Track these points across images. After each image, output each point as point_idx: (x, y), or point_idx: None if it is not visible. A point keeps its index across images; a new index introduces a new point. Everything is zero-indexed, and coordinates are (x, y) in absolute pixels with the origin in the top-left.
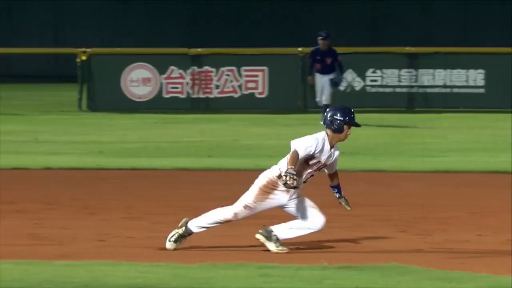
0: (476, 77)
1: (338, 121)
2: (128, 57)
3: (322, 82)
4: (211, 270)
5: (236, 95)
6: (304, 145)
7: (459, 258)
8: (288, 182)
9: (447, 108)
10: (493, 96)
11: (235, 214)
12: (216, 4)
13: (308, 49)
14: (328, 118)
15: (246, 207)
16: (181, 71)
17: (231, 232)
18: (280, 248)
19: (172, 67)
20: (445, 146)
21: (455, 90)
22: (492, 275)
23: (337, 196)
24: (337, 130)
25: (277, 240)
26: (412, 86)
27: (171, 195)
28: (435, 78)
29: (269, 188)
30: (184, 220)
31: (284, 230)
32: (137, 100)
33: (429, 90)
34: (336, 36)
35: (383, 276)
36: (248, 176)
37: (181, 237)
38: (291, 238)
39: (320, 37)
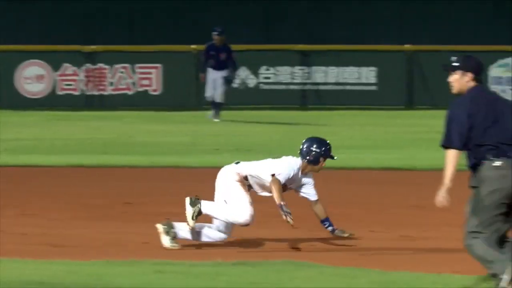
0: (368, 75)
1: (314, 153)
2: (21, 54)
3: (215, 78)
4: (105, 266)
5: (130, 92)
6: (285, 176)
7: (352, 254)
8: (289, 221)
9: (340, 105)
10: (385, 93)
11: (251, 216)
12: (110, 1)
13: (203, 47)
14: (304, 149)
15: (249, 204)
16: (75, 68)
17: (125, 229)
18: (173, 244)
19: (66, 64)
20: (337, 143)
21: (348, 87)
22: (384, 271)
23: (330, 230)
24: (312, 161)
25: (174, 238)
26: (305, 84)
27: (65, 192)
28: (327, 75)
29: (243, 183)
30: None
31: (185, 230)
32: (31, 97)
33: (321, 87)
34: (230, 34)
35: (277, 272)
36: (143, 173)
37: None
38: (190, 240)
39: (215, 33)
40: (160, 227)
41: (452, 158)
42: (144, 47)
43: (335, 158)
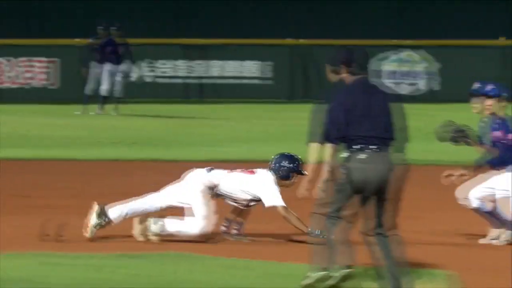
0: (264, 69)
1: (285, 168)
2: None
3: (111, 73)
4: None
5: (27, 86)
6: (279, 195)
7: (247, 247)
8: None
9: (236, 99)
10: (281, 87)
11: (201, 230)
12: None
13: (98, 41)
14: (275, 165)
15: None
16: None
17: (13, 222)
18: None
19: None
20: (234, 136)
21: (245, 81)
22: (280, 262)
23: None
24: (284, 177)
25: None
26: (202, 77)
27: None
28: (224, 69)
29: (206, 193)
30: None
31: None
32: None
33: (218, 81)
34: (129, 28)
35: (174, 264)
36: (39, 166)
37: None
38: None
39: (113, 28)
40: (96, 207)
41: (329, 151)
42: (42, 41)
43: (305, 173)
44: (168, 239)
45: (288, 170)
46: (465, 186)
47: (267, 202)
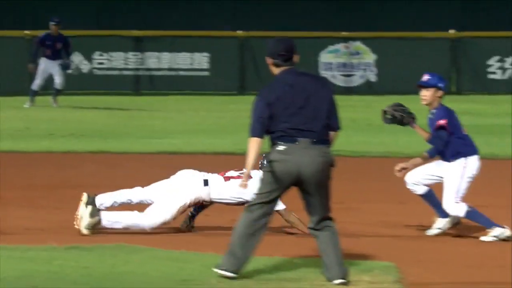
0: (200, 60)
1: None
2: None
3: (50, 67)
4: None
5: None
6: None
7: (186, 238)
8: None
9: (173, 91)
10: (217, 79)
11: (152, 227)
12: None
13: (36, 32)
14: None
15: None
16: None
17: None
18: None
19: None
20: (170, 128)
21: (181, 73)
22: (217, 254)
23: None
24: None
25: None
26: (138, 69)
27: None
28: (160, 61)
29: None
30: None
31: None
32: None
33: (155, 73)
34: (64, 19)
35: (111, 256)
36: None
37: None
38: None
39: (52, 22)
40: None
41: (254, 145)
42: None
43: None
44: (108, 231)
45: None
46: (416, 172)
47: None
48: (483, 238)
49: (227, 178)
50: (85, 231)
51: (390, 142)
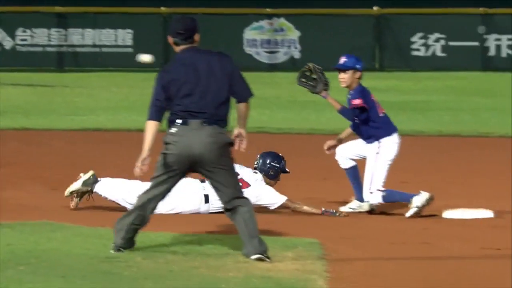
0: (124, 37)
1: (275, 168)
2: None
3: None
4: None
5: None
6: (276, 193)
7: (110, 215)
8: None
9: (97, 67)
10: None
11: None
12: None
13: None
14: (263, 165)
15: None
16: None
17: None
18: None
19: None
20: (94, 104)
21: (104, 49)
22: (142, 232)
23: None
24: (273, 176)
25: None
26: (61, 46)
27: None
28: (84, 37)
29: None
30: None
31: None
32: None
33: (78, 49)
34: None
35: (34, 233)
36: None
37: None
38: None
39: None
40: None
41: (149, 128)
42: None
43: (288, 171)
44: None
45: (277, 170)
46: (346, 146)
47: (273, 206)
48: (407, 214)
49: None
50: (66, 194)
51: (314, 119)
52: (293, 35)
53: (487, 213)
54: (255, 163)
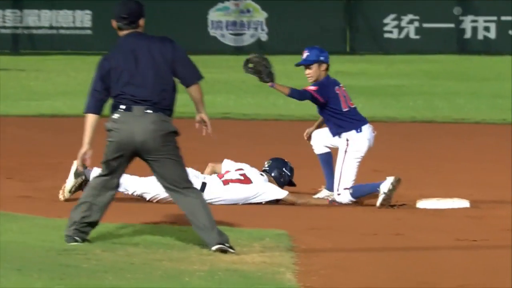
0: (83, 18)
1: (287, 177)
2: None
3: None
4: None
5: None
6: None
7: (67, 205)
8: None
9: (54, 50)
10: (100, 38)
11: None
12: None
13: None
14: (280, 171)
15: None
16: None
17: None
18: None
19: None
20: (51, 89)
21: (62, 31)
22: (101, 223)
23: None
24: (282, 184)
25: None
26: (17, 27)
27: None
28: (40, 19)
29: None
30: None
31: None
32: None
33: (34, 31)
34: None
35: None
36: None
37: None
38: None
39: None
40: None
41: (88, 121)
42: None
43: (295, 185)
44: None
45: (287, 180)
46: (322, 131)
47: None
48: (377, 203)
49: (226, 182)
50: (67, 195)
51: (282, 104)
52: (260, 17)
53: (463, 203)
54: (266, 166)
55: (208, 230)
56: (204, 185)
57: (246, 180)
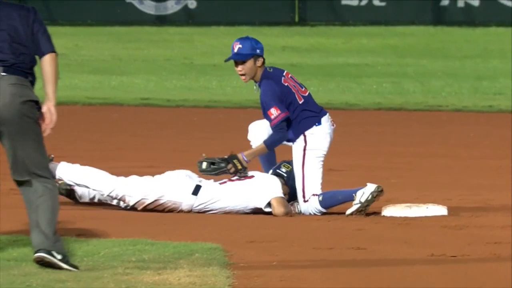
0: None
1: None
2: None
3: None
4: None
5: None
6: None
7: None
8: None
9: None
10: None
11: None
12: None
13: None
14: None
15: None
16: None
17: None
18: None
19: None
20: None
21: None
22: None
23: None
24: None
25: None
26: None
27: None
28: None
29: None
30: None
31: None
32: None
33: None
34: None
35: None
36: None
37: None
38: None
39: None
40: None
41: None
42: None
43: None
44: None
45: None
46: (263, 123)
47: (265, 202)
48: (348, 212)
49: (223, 182)
50: None
51: (215, 87)
52: None
53: (440, 210)
54: (283, 170)
55: (41, 231)
56: (198, 187)
57: (247, 177)
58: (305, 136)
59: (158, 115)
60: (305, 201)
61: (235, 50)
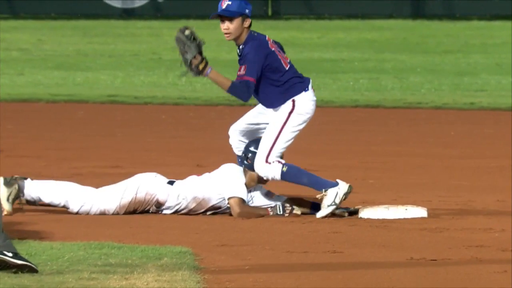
0: None
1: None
2: None
3: None
4: None
5: None
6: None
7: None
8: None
9: None
10: None
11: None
12: None
13: None
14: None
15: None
16: None
17: None
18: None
19: None
20: None
21: None
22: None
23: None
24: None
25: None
26: None
27: None
28: None
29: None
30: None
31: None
32: None
33: None
34: None
35: None
36: None
37: None
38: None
39: None
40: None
41: None
42: None
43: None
44: None
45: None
46: (242, 122)
47: (226, 196)
48: (319, 214)
49: (199, 174)
50: (7, 207)
51: (185, 83)
52: None
53: (419, 212)
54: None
55: None
56: (171, 182)
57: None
58: (293, 101)
59: (125, 113)
60: (266, 162)
61: (223, 7)
